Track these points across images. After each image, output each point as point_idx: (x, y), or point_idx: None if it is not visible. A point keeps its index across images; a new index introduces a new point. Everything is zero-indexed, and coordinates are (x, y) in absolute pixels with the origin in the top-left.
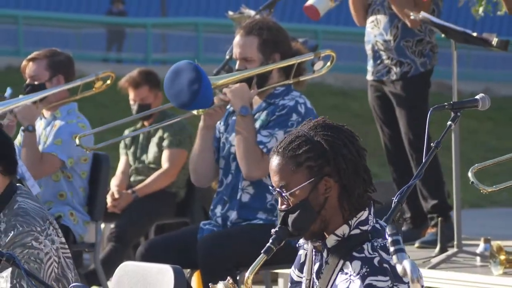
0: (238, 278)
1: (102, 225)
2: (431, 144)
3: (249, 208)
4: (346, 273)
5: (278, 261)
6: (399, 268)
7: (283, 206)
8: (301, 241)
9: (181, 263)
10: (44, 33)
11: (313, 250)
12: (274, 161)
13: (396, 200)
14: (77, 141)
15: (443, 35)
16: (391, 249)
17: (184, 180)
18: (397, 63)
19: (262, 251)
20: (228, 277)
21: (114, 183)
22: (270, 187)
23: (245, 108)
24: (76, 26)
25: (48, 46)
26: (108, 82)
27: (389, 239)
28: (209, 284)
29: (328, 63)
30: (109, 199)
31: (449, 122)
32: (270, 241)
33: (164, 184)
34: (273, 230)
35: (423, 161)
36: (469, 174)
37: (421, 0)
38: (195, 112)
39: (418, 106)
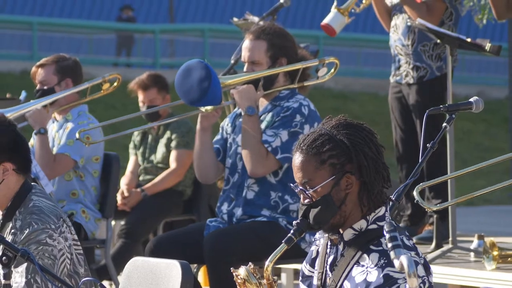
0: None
1: (113, 222)
2: (427, 145)
3: (253, 205)
4: (363, 265)
5: (281, 256)
6: (396, 263)
7: (306, 201)
8: (317, 235)
9: (188, 259)
10: (58, 38)
11: (328, 243)
12: (298, 158)
13: (394, 198)
14: (77, 135)
15: (438, 41)
16: (389, 245)
17: (191, 179)
18: (414, 68)
19: (283, 241)
20: (250, 263)
21: (124, 182)
22: (291, 184)
23: (251, 108)
24: (87, 31)
25: (61, 51)
26: (115, 84)
27: (387, 236)
28: (231, 268)
29: (332, 70)
30: (119, 197)
31: (444, 124)
32: (292, 231)
33: (172, 183)
34: (294, 222)
35: (419, 161)
36: (414, 193)
37: (428, 4)
38: (203, 109)
39: None
